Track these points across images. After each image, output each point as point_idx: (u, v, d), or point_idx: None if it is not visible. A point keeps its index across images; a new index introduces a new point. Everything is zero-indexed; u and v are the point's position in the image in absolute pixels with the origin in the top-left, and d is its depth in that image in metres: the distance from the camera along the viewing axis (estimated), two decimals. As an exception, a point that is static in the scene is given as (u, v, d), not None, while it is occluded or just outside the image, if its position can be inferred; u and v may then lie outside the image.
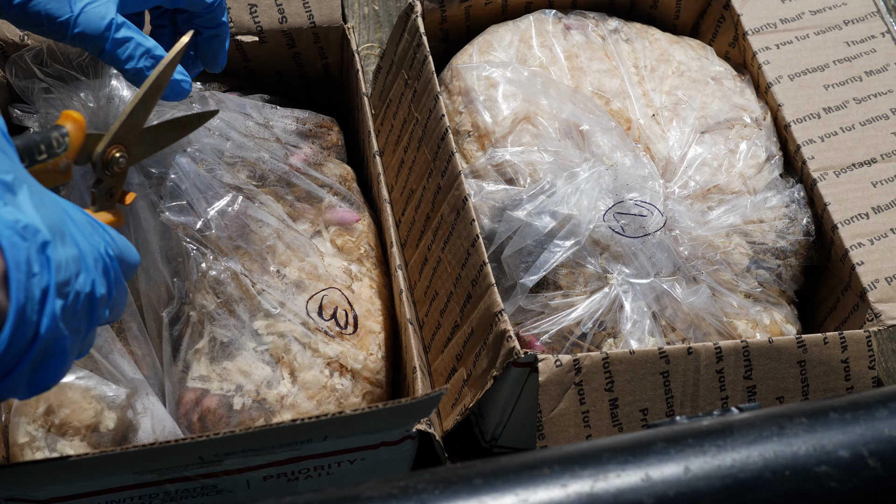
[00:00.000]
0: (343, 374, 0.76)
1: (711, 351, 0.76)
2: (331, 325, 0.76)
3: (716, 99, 0.94)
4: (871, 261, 0.84)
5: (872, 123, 0.92)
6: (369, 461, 0.72)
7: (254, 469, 0.70)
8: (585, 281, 0.82)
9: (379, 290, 0.83)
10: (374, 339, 0.80)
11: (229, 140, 0.80)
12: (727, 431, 0.43)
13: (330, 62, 0.96)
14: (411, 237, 0.97)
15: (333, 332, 0.76)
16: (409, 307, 0.79)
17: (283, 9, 0.89)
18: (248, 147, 0.81)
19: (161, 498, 0.71)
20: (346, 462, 0.71)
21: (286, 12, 0.89)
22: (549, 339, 0.81)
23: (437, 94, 0.88)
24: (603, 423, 0.75)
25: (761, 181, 0.90)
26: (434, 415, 0.72)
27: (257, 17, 0.89)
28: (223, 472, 0.69)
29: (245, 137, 0.82)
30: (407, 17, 0.97)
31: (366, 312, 0.80)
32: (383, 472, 0.74)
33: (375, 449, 0.70)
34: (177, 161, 0.75)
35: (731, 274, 0.86)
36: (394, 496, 0.40)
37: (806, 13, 0.99)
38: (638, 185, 0.84)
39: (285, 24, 0.89)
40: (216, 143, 0.79)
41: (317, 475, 0.73)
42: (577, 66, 0.94)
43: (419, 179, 0.93)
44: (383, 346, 0.80)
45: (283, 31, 0.89)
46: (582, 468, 0.42)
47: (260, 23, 0.89)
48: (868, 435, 0.43)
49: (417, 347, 0.77)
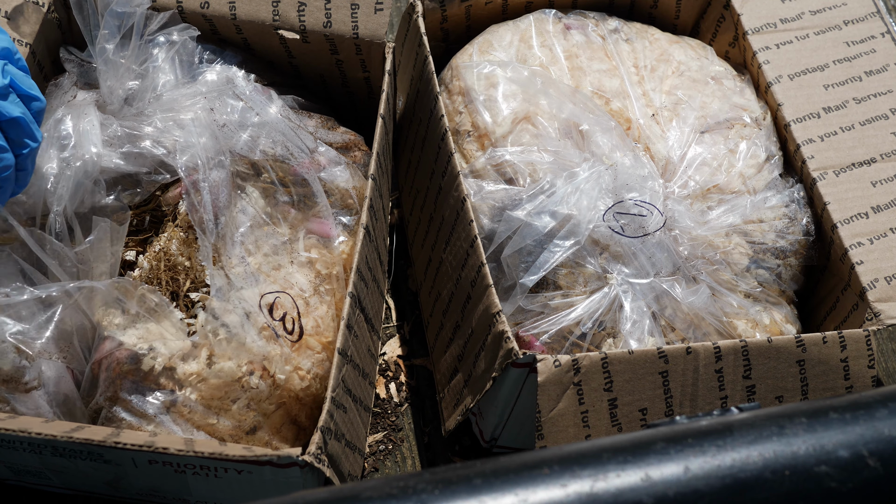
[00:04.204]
0: (264, 377, 0.75)
1: (710, 351, 0.76)
2: (277, 326, 0.76)
3: (716, 99, 0.94)
4: (870, 260, 0.84)
5: (872, 123, 0.92)
6: (256, 476, 0.71)
7: (136, 451, 0.69)
8: (585, 281, 0.82)
9: (336, 316, 0.81)
10: (311, 356, 0.78)
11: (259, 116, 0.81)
12: (727, 431, 0.43)
13: (372, 77, 0.96)
14: (418, 237, 0.97)
15: (279, 332, 0.76)
16: (347, 337, 0.76)
17: (330, 13, 0.89)
18: (279, 129, 0.81)
19: (50, 451, 0.71)
20: (234, 471, 0.71)
21: (332, 17, 0.89)
22: (549, 339, 0.81)
23: (437, 95, 0.88)
24: (602, 423, 0.75)
25: (761, 181, 0.90)
26: (332, 447, 0.72)
27: (303, 16, 0.89)
28: (99, 446, 0.69)
29: (282, 119, 0.82)
30: (409, 16, 0.97)
31: (313, 329, 0.78)
32: (273, 490, 0.73)
33: (261, 466, 0.69)
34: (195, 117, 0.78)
35: (730, 274, 0.86)
36: (394, 496, 0.41)
37: (806, 13, 0.99)
38: (638, 185, 0.84)
39: (328, 28, 0.89)
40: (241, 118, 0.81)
41: (204, 475, 0.72)
42: (577, 66, 0.94)
43: (424, 179, 0.94)
44: (318, 367, 0.78)
45: (326, 36, 0.90)
46: (582, 468, 0.42)
47: (304, 22, 0.89)
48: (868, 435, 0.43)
49: (342, 379, 0.75)
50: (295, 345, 0.76)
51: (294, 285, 0.79)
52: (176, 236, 0.77)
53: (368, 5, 0.89)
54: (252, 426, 0.75)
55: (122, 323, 0.74)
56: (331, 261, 0.82)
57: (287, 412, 0.77)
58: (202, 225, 0.76)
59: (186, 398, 0.73)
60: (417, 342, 1.01)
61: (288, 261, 0.80)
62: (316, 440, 0.68)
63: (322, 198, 0.83)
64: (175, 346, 0.73)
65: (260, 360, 0.74)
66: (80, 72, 0.84)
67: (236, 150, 0.80)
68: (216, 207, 0.77)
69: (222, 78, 0.84)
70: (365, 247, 0.81)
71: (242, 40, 0.91)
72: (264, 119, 0.82)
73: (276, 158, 0.81)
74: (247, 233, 0.79)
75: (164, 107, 0.80)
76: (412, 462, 0.95)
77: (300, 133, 0.83)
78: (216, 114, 0.80)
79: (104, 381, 0.73)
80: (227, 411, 0.74)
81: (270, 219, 0.81)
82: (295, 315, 0.77)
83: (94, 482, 0.78)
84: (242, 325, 0.74)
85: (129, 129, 0.79)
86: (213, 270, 0.76)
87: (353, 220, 0.85)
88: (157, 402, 0.72)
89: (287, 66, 0.95)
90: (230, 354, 0.74)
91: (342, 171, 0.85)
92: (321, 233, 0.83)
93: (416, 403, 0.98)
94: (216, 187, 0.77)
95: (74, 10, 0.81)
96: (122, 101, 0.81)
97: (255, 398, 0.75)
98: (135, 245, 0.79)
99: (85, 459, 0.72)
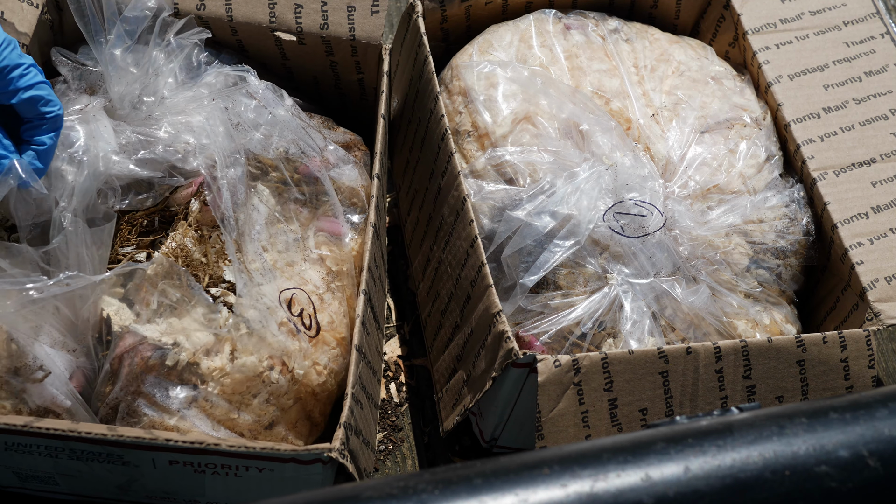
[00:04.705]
0: (283, 372, 0.75)
1: (710, 351, 0.76)
2: (297, 321, 0.76)
3: (716, 99, 0.94)
4: (870, 260, 0.84)
5: (872, 123, 0.92)
6: (277, 473, 0.72)
7: (158, 451, 0.70)
8: (585, 281, 0.82)
9: (348, 312, 0.82)
10: (327, 352, 0.78)
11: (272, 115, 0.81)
12: (727, 431, 0.43)
13: (366, 79, 0.96)
14: (416, 238, 0.97)
15: (299, 328, 0.76)
16: (362, 334, 0.77)
17: (326, 15, 0.89)
18: (291, 127, 0.82)
19: (67, 454, 0.71)
20: (255, 469, 0.71)
21: (329, 19, 0.89)
22: (549, 339, 0.81)
23: (437, 95, 0.88)
24: (602, 423, 0.75)
25: (761, 181, 0.90)
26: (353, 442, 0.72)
27: (300, 18, 0.89)
28: (126, 446, 0.69)
29: (294, 118, 0.83)
30: (409, 16, 0.97)
31: (328, 325, 0.79)
32: (293, 488, 0.73)
33: (284, 463, 0.70)
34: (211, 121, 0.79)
35: (730, 274, 0.86)
36: (394, 496, 0.40)
37: (806, 13, 0.99)
38: (638, 185, 0.84)
39: (325, 30, 0.89)
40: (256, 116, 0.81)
41: (224, 473, 0.72)
42: (577, 66, 0.94)
43: (422, 180, 0.93)
44: (334, 362, 0.79)
45: (322, 38, 0.90)
46: (582, 468, 0.42)
47: (301, 24, 0.89)
48: (868, 435, 0.43)
49: (359, 375, 0.76)
50: (313, 340, 0.77)
51: (308, 281, 0.79)
52: (189, 234, 0.78)
53: (365, 7, 0.89)
54: (270, 421, 0.75)
55: (145, 316, 0.74)
56: (341, 258, 0.83)
57: (303, 407, 0.78)
58: (224, 220, 0.76)
59: (209, 393, 0.73)
60: (417, 342, 1.01)
61: (301, 258, 0.80)
62: (339, 436, 0.69)
63: (333, 196, 0.83)
64: (199, 340, 0.73)
65: (280, 354, 0.75)
66: (75, 75, 0.84)
67: (250, 149, 0.80)
68: (235, 204, 0.77)
69: (226, 79, 0.85)
70: (374, 245, 0.82)
71: (237, 42, 0.92)
72: (277, 118, 0.82)
73: (289, 157, 0.82)
74: (262, 230, 0.79)
75: (171, 110, 0.81)
76: (412, 462, 0.95)
77: (310, 131, 0.84)
78: (230, 113, 0.81)
79: (127, 376, 0.72)
80: (248, 406, 0.74)
81: (282, 216, 0.81)
82: (311, 311, 0.78)
83: (106, 486, 0.78)
84: (263, 320, 0.74)
85: (143, 136, 0.79)
86: (237, 265, 0.76)
87: (361, 219, 0.85)
88: (181, 396, 0.72)
89: (280, 69, 0.95)
90: (252, 349, 0.74)
91: (350, 170, 0.85)
92: (331, 231, 0.83)
93: (416, 403, 0.98)
94: (234, 184, 0.78)
95: (75, 15, 0.81)
96: (131, 107, 0.81)
97: (274, 393, 0.75)
98: (145, 246, 0.79)
99: (103, 462, 0.72)
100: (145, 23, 0.81)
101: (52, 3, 0.88)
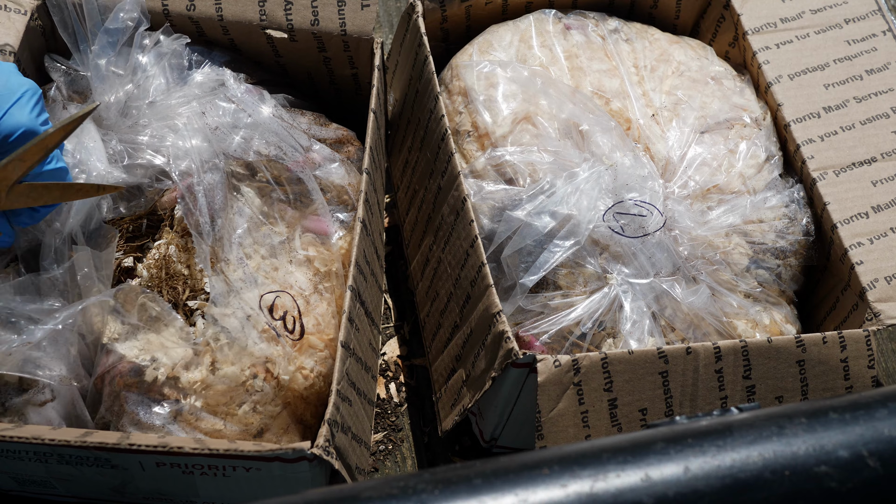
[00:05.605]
0: (268, 379, 0.75)
1: (710, 351, 0.76)
2: (278, 326, 0.76)
3: (715, 99, 0.94)
4: (870, 260, 0.84)
5: (873, 122, 0.92)
6: (265, 473, 0.71)
7: (144, 453, 0.69)
8: (585, 281, 0.82)
9: (336, 313, 0.81)
10: (314, 354, 0.78)
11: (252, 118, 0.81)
12: (727, 431, 0.43)
13: (359, 73, 0.96)
14: (414, 238, 0.97)
15: (280, 332, 0.76)
16: (349, 330, 0.77)
17: (317, 11, 0.89)
18: (272, 129, 0.81)
19: (56, 459, 0.71)
20: (242, 469, 0.71)
21: (319, 15, 0.89)
22: (549, 339, 0.81)
23: (437, 95, 0.88)
24: (602, 423, 0.75)
25: (761, 181, 0.90)
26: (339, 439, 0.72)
27: (290, 15, 0.89)
28: (112, 450, 0.69)
29: (274, 119, 0.82)
30: (409, 16, 0.97)
31: (314, 327, 0.79)
32: (283, 486, 0.73)
33: (269, 462, 0.69)
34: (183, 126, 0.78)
35: (730, 274, 0.86)
36: (394, 496, 0.40)
37: (806, 12, 0.99)
38: (637, 185, 0.84)
39: (316, 26, 0.89)
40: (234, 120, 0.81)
41: (212, 474, 0.72)
42: (577, 66, 0.94)
43: (422, 180, 0.93)
44: (321, 364, 0.78)
45: (314, 34, 0.90)
46: (582, 468, 0.41)
47: (292, 21, 0.89)
48: (868, 435, 0.43)
49: (346, 372, 0.75)
50: (297, 344, 0.76)
51: (293, 284, 0.79)
52: (174, 242, 0.78)
53: (355, 2, 0.89)
54: (259, 429, 0.75)
55: (123, 335, 0.74)
56: (329, 258, 0.82)
57: (293, 412, 0.77)
58: (198, 228, 0.76)
59: (192, 406, 0.73)
60: (417, 342, 1.01)
61: (286, 260, 0.80)
62: (323, 433, 0.68)
63: (318, 195, 0.83)
64: (177, 355, 0.73)
65: (262, 362, 0.74)
66: (67, 80, 0.84)
67: (230, 152, 0.80)
68: (212, 210, 0.77)
69: (212, 80, 0.85)
70: (362, 240, 0.82)
71: (229, 41, 0.92)
72: (257, 120, 0.82)
73: (271, 158, 0.82)
74: (244, 234, 0.79)
75: (158, 114, 0.81)
76: (412, 462, 0.95)
77: (293, 132, 0.84)
78: (208, 117, 0.81)
79: (108, 396, 0.73)
80: (234, 416, 0.74)
81: (267, 218, 0.81)
82: (296, 314, 0.77)
83: (101, 489, 0.78)
84: (243, 328, 0.74)
85: (128, 143, 0.79)
86: (212, 275, 0.76)
87: (350, 217, 0.85)
88: (164, 412, 0.73)
89: (274, 65, 0.95)
90: (232, 359, 0.74)
91: (337, 168, 0.85)
92: (318, 230, 0.83)
93: (416, 403, 0.98)
94: (211, 190, 0.78)
95: (59, 28, 0.81)
96: (118, 115, 0.81)
97: (260, 401, 0.75)
98: (132, 251, 0.79)
99: (91, 466, 0.72)
100: (127, 34, 0.82)
101: (43, 9, 0.88)
